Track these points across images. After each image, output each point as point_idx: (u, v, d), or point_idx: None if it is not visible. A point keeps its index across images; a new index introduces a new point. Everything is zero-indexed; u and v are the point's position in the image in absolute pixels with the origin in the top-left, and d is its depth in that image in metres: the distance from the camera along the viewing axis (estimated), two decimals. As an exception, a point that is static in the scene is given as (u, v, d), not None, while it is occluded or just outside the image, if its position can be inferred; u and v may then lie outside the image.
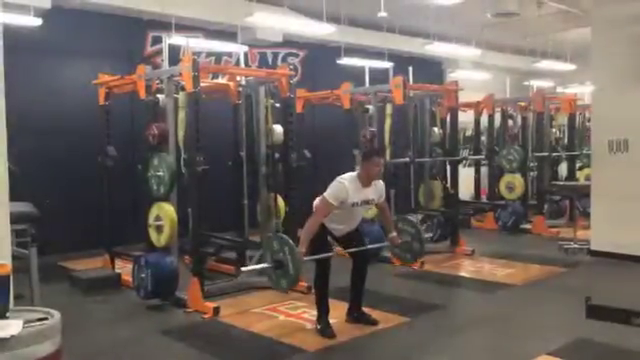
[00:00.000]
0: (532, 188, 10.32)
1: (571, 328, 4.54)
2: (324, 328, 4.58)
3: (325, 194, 4.47)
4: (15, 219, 3.66)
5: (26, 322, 2.78)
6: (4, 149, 3.28)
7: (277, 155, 6.29)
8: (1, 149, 3.27)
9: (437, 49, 10.83)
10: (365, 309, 4.93)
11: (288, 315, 5.19)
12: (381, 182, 4.72)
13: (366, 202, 4.62)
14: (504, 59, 13.54)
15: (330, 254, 4.59)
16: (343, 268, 4.81)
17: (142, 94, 5.97)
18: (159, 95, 5.88)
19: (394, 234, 4.94)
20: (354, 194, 4.47)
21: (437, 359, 4.25)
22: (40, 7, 6.94)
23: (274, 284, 4.57)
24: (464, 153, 11.28)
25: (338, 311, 4.83)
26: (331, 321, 4.67)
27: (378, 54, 10.09)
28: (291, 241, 4.36)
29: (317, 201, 4.57)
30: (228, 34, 8.55)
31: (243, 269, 5.22)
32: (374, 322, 4.81)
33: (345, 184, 4.46)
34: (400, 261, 6.00)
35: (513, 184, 9.68)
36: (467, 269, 7.16)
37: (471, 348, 4.49)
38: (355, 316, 4.87)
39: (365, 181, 4.55)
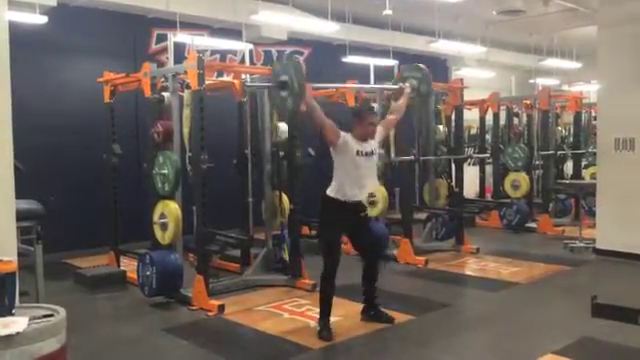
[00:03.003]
0: (537, 186, 10.29)
1: (576, 327, 4.52)
2: (322, 329, 4.54)
3: None
4: (21, 216, 3.67)
5: (31, 319, 2.79)
6: (10, 146, 3.29)
7: (282, 153, 6.29)
8: (7, 146, 3.28)
9: (442, 47, 10.80)
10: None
11: (292, 313, 5.19)
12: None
13: (370, 153, 4.63)
14: (509, 57, 13.49)
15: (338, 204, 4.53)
16: (348, 265, 4.80)
17: (147, 92, 5.97)
18: (164, 93, 5.88)
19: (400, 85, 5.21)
20: (354, 144, 4.54)
21: (442, 357, 4.24)
22: (45, 4, 6.95)
23: (280, 108, 4.61)
24: (469, 151, 11.24)
25: (343, 309, 4.82)
26: (334, 319, 4.64)
27: (383, 52, 10.06)
28: (296, 61, 4.42)
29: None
30: (233, 32, 8.54)
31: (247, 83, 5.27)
32: (390, 320, 4.80)
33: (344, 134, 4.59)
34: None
35: (518, 182, 9.66)
36: (472, 267, 7.15)
37: (476, 346, 4.49)
38: (372, 314, 4.84)
39: (361, 139, 4.61)
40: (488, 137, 10.70)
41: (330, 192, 4.60)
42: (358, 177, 4.57)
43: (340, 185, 4.56)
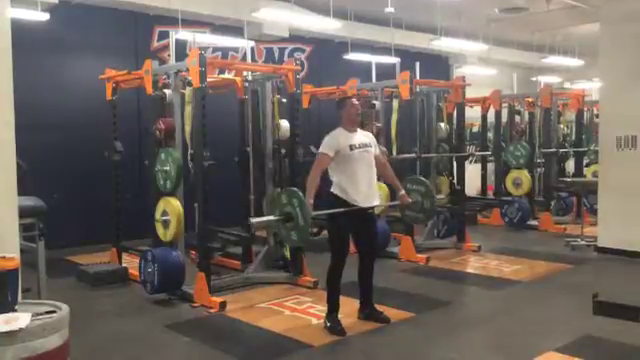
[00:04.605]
0: (539, 184, 10.29)
1: (578, 325, 4.53)
2: (334, 326, 4.54)
3: (319, 150, 4.57)
4: (23, 213, 3.68)
5: (34, 315, 2.80)
6: (13, 144, 3.30)
7: (283, 150, 6.30)
8: (10, 144, 3.29)
9: (444, 44, 10.80)
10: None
11: (294, 310, 5.20)
12: (367, 132, 4.84)
13: (364, 145, 4.60)
14: (511, 54, 13.49)
15: (342, 210, 4.47)
16: (349, 263, 4.80)
17: (149, 89, 5.97)
18: (166, 90, 5.88)
19: (403, 192, 4.94)
20: (346, 139, 4.54)
21: (442, 355, 4.24)
22: (47, 2, 6.97)
23: (284, 239, 4.57)
24: (471, 149, 11.24)
25: (344, 307, 4.82)
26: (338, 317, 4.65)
27: (385, 49, 10.06)
28: (300, 193, 4.35)
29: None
30: (235, 29, 8.55)
31: (252, 220, 5.25)
32: (386, 320, 4.77)
33: (332, 134, 4.59)
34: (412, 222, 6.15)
35: (520, 180, 9.66)
36: (473, 265, 7.15)
37: (477, 344, 4.48)
38: (367, 313, 4.83)
39: (349, 127, 4.63)
40: (490, 135, 10.70)
41: (335, 191, 4.56)
42: (353, 173, 4.51)
43: (340, 186, 4.52)
